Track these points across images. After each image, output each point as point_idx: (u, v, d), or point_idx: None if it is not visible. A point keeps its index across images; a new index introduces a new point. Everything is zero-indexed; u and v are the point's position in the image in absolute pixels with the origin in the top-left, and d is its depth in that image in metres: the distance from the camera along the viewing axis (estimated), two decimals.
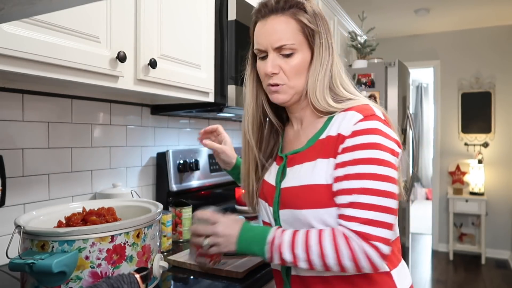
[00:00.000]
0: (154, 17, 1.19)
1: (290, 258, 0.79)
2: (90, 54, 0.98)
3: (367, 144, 0.78)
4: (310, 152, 0.87)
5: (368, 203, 0.75)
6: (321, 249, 0.77)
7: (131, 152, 1.58)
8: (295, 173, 0.88)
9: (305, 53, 0.87)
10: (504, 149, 4.33)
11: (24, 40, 0.83)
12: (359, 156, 0.78)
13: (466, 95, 4.50)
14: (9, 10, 0.52)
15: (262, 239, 0.83)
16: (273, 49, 0.87)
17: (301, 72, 0.88)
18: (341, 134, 0.81)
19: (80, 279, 0.79)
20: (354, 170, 0.77)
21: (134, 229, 0.87)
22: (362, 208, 0.75)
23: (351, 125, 0.80)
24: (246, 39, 1.00)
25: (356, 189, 0.77)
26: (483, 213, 4.19)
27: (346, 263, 0.75)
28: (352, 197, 0.77)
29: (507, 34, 4.30)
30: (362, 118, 0.80)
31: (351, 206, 0.77)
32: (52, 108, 1.27)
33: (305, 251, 0.78)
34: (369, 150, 0.77)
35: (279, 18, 0.86)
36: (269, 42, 0.86)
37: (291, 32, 0.86)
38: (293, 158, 0.91)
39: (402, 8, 3.83)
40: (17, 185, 1.17)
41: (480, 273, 3.92)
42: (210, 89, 1.45)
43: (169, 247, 1.33)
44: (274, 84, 0.88)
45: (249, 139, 0.97)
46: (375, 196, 0.75)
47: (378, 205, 0.75)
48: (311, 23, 0.86)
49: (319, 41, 0.87)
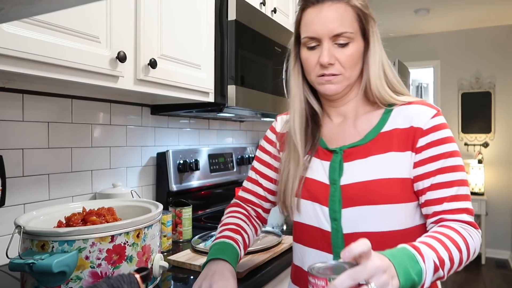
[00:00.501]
0: (154, 17, 1.19)
1: (447, 259, 0.69)
2: (90, 54, 0.98)
3: (450, 138, 0.81)
4: (373, 145, 0.84)
5: (467, 194, 0.80)
6: (457, 247, 0.72)
7: (131, 152, 1.58)
8: (359, 168, 0.84)
9: (359, 43, 0.84)
10: (504, 149, 4.33)
11: (24, 40, 0.83)
12: (448, 149, 0.80)
13: (466, 95, 4.50)
14: (9, 10, 0.52)
15: (408, 256, 0.65)
16: (330, 38, 0.82)
17: (356, 62, 0.85)
18: (419, 128, 0.81)
19: (80, 279, 0.79)
20: (449, 163, 0.79)
21: (134, 229, 0.87)
22: (465, 199, 0.79)
23: (427, 119, 0.81)
24: (246, 39, 1.00)
25: (456, 181, 0.79)
26: (483, 213, 4.19)
27: (471, 254, 0.75)
28: (454, 190, 0.78)
29: (507, 34, 4.30)
30: (437, 112, 0.82)
31: (454, 199, 0.78)
32: (52, 108, 1.27)
33: (447, 252, 0.70)
34: (453, 143, 0.81)
35: (336, 5, 0.81)
36: (327, 29, 0.81)
37: (349, 19, 0.82)
38: (351, 153, 0.86)
39: (402, 8, 3.83)
40: (17, 185, 1.17)
41: (480, 273, 3.92)
42: (210, 89, 1.45)
43: (169, 247, 1.33)
44: (330, 75, 0.84)
45: (294, 134, 0.91)
46: (467, 187, 0.80)
47: (469, 195, 0.80)
48: (365, 9, 0.84)
49: (372, 29, 0.86)
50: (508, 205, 4.31)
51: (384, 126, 0.85)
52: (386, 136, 0.84)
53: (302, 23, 0.86)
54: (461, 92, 4.52)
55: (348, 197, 0.83)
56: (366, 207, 0.81)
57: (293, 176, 0.90)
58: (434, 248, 0.69)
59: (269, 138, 1.04)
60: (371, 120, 0.87)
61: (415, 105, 0.84)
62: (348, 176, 0.84)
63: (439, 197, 0.79)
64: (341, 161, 0.86)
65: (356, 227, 0.82)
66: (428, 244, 0.69)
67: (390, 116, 0.85)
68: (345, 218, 0.83)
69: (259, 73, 1.66)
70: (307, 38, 0.84)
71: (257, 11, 1.64)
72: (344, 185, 0.84)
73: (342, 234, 0.83)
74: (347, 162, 0.86)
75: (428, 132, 0.81)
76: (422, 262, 0.65)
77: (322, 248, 0.87)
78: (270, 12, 1.88)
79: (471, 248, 0.75)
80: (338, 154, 0.87)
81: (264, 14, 1.73)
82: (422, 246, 0.68)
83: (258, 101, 1.65)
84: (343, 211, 0.83)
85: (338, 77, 0.84)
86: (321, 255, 0.87)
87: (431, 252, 0.68)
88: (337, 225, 0.84)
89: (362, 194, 0.82)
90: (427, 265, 0.65)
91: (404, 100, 0.85)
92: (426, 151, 0.80)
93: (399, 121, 0.84)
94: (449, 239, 0.72)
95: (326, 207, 0.85)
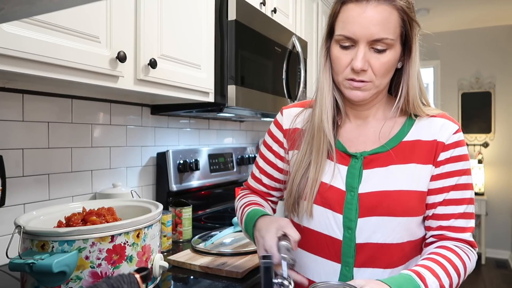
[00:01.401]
0: (154, 17, 1.19)
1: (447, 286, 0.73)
2: (90, 54, 0.98)
3: (467, 156, 0.82)
4: (395, 154, 0.81)
5: (473, 212, 0.81)
6: (457, 273, 0.76)
7: (131, 152, 1.58)
8: (379, 177, 0.80)
9: (397, 50, 0.79)
10: (504, 149, 4.33)
11: (24, 40, 0.83)
12: (464, 166, 0.81)
13: (466, 95, 4.50)
14: (9, 10, 0.52)
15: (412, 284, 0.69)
16: (368, 42, 0.75)
17: (389, 70, 0.80)
18: (441, 142, 0.80)
19: (80, 279, 0.79)
20: (463, 180, 0.80)
21: (134, 229, 0.87)
22: (470, 218, 0.80)
23: (449, 134, 0.81)
24: (246, 39, 0.99)
25: (466, 199, 0.80)
26: (483, 213, 4.19)
27: (466, 276, 0.78)
28: (463, 208, 0.79)
29: (507, 34, 4.30)
30: (458, 128, 0.82)
31: (462, 217, 0.80)
32: (52, 108, 1.27)
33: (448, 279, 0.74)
34: (468, 161, 0.82)
35: (382, 7, 0.74)
36: (367, 32, 0.74)
37: (393, 25, 0.75)
38: (372, 159, 0.82)
39: None
40: (17, 185, 1.17)
41: (480, 273, 3.92)
42: (210, 89, 1.45)
43: (169, 247, 1.33)
44: (360, 81, 0.78)
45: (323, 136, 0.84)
46: (474, 206, 0.81)
47: (474, 214, 0.82)
48: (410, 12, 0.79)
49: (415, 35, 0.80)
50: (508, 205, 4.31)
51: (406, 136, 0.83)
52: (408, 146, 0.82)
53: (340, 18, 0.78)
54: (461, 92, 4.52)
55: (366, 206, 0.79)
56: (383, 218, 0.79)
57: (313, 180, 0.83)
58: (438, 277, 0.72)
59: (275, 136, 0.96)
60: (392, 127, 0.84)
61: (439, 118, 0.83)
62: (368, 184, 0.80)
63: (449, 213, 0.79)
64: (361, 167, 0.82)
65: (369, 238, 0.80)
66: (432, 271, 0.72)
67: (413, 126, 0.83)
68: (360, 228, 0.80)
69: (259, 73, 1.66)
70: (342, 36, 0.77)
71: (257, 11, 1.64)
72: (362, 193, 0.80)
73: (354, 244, 0.81)
74: (367, 169, 0.82)
75: (449, 147, 0.80)
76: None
77: (329, 257, 0.84)
78: (270, 12, 1.88)
79: (468, 270, 0.78)
80: (359, 160, 0.82)
81: (264, 14, 1.73)
82: (427, 275, 0.71)
83: (258, 101, 1.65)
84: (359, 221, 0.80)
85: (367, 84, 0.78)
86: (328, 264, 0.84)
87: (435, 282, 0.71)
88: (351, 234, 0.80)
89: (381, 204, 0.79)
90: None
91: (429, 112, 0.83)
92: (445, 166, 0.80)
93: (423, 133, 0.82)
94: (451, 265, 0.74)
95: (340, 215, 0.81)
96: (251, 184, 1.03)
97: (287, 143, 0.94)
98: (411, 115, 0.84)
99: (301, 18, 2.23)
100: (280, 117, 0.97)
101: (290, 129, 0.93)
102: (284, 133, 0.95)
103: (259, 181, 1.01)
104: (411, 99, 0.82)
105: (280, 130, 0.96)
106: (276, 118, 0.98)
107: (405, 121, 0.84)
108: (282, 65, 1.85)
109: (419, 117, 0.84)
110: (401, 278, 0.70)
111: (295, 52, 1.95)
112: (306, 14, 2.30)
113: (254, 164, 1.04)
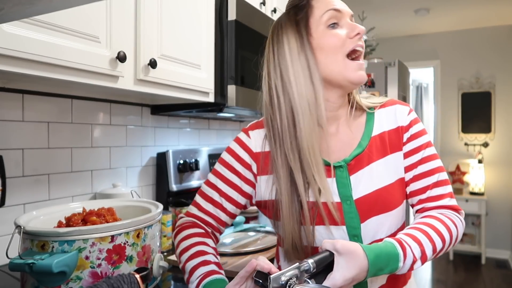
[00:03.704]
0: (154, 17, 1.19)
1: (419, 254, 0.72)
2: (90, 54, 0.98)
3: (424, 130, 0.85)
4: (371, 151, 0.83)
5: (446, 178, 0.83)
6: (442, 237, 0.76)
7: (131, 152, 1.58)
8: (365, 178, 0.80)
9: None
10: (504, 149, 4.33)
11: (24, 40, 0.83)
12: (424, 140, 0.84)
13: (466, 95, 4.50)
14: (9, 10, 0.52)
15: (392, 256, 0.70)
16: (349, 17, 0.82)
17: None
18: (401, 126, 0.84)
19: (80, 279, 0.79)
20: (427, 153, 0.83)
21: (134, 229, 0.87)
22: (445, 184, 0.83)
23: (405, 116, 0.85)
24: (246, 39, 0.99)
25: (436, 168, 0.82)
26: (483, 213, 4.19)
27: (454, 240, 0.79)
28: (436, 177, 0.82)
29: (507, 34, 4.30)
30: (410, 109, 0.86)
31: (436, 186, 0.82)
32: (52, 108, 1.27)
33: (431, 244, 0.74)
34: (427, 135, 0.85)
35: None
36: (346, 8, 0.82)
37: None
38: (354, 164, 0.82)
39: (402, 8, 3.83)
40: (17, 185, 1.17)
41: (480, 273, 3.91)
42: (210, 89, 1.45)
43: (169, 247, 1.33)
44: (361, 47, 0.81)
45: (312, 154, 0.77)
46: (445, 172, 0.84)
47: (448, 179, 0.84)
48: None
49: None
50: (508, 205, 4.31)
51: (372, 130, 0.85)
52: (378, 140, 0.84)
53: (316, 5, 0.80)
54: (461, 92, 4.52)
55: (365, 210, 0.79)
56: (382, 215, 0.80)
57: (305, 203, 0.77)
58: (420, 242, 0.73)
59: (241, 157, 0.87)
60: (359, 126, 0.86)
61: (392, 106, 0.87)
62: (359, 189, 0.80)
63: (423, 186, 0.82)
64: (347, 174, 0.81)
65: (374, 236, 0.81)
66: (414, 237, 0.74)
67: (374, 119, 0.86)
68: (364, 232, 0.80)
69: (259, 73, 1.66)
70: (334, 10, 0.78)
71: (257, 11, 1.64)
72: (357, 199, 0.79)
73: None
74: (353, 175, 0.81)
75: (408, 127, 0.84)
76: (402, 261, 0.70)
77: None
78: (270, 12, 1.88)
79: (454, 236, 0.79)
80: (343, 169, 0.81)
81: (264, 14, 1.73)
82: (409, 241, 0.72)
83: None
84: (363, 226, 0.79)
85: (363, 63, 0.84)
86: None
87: (416, 248, 0.72)
88: (357, 240, 0.79)
89: (376, 204, 0.80)
90: (405, 263, 0.71)
91: (377, 101, 0.88)
92: (408, 144, 0.84)
93: (384, 123, 0.85)
94: (433, 230, 0.76)
95: (343, 226, 0.79)
96: (207, 208, 0.88)
97: (256, 167, 0.86)
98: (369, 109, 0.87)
99: None
100: (246, 139, 0.88)
101: (262, 152, 0.86)
102: (254, 157, 0.86)
103: (218, 206, 0.87)
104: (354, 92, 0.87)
105: (248, 152, 0.87)
106: (241, 139, 0.89)
107: (365, 117, 0.87)
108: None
109: (376, 109, 0.87)
110: (381, 247, 0.71)
111: None
112: None
113: (207, 185, 0.89)
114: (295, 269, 0.64)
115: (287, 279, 0.62)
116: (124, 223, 0.85)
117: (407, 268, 0.72)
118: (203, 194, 0.90)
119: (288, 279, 0.62)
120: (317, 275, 0.68)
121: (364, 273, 0.68)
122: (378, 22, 4.03)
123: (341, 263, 0.67)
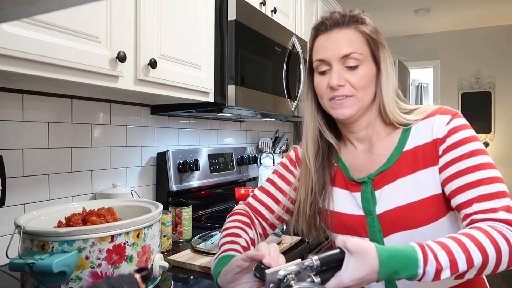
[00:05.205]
0: (154, 17, 1.19)
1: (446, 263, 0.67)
2: (90, 54, 0.98)
3: (469, 138, 0.78)
4: (399, 167, 0.83)
5: (499, 191, 0.74)
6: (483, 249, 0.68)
7: (131, 152, 1.58)
8: (389, 194, 0.83)
9: (370, 66, 0.85)
10: (504, 149, 4.33)
11: (24, 40, 0.83)
12: (467, 149, 0.77)
13: (466, 95, 4.50)
14: (9, 10, 0.52)
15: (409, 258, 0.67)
16: (338, 60, 0.83)
17: (368, 84, 0.84)
18: (438, 138, 0.81)
19: (80, 279, 0.79)
20: (470, 163, 0.76)
21: (134, 229, 0.87)
22: (497, 197, 0.73)
23: (443, 126, 0.81)
24: (246, 39, 0.99)
25: (483, 180, 0.75)
26: None
27: (504, 257, 0.69)
28: (483, 189, 0.74)
29: (507, 34, 4.30)
30: (451, 117, 0.81)
31: (485, 199, 0.74)
32: (52, 108, 1.27)
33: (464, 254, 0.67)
34: (474, 142, 0.78)
35: (344, 31, 0.84)
36: (335, 52, 0.83)
37: (358, 42, 0.83)
38: (379, 179, 0.85)
39: (402, 8, 3.83)
40: (17, 185, 1.17)
41: None
42: (210, 89, 1.45)
43: (169, 247, 1.33)
44: (340, 96, 0.83)
45: (308, 161, 0.92)
46: (500, 184, 0.75)
47: (506, 191, 0.75)
48: (374, 35, 0.86)
49: (383, 54, 0.86)
50: None
51: (405, 145, 0.84)
52: (409, 155, 0.83)
53: (314, 50, 0.88)
54: (461, 92, 4.52)
55: (387, 225, 0.82)
56: (408, 231, 0.80)
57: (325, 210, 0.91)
58: (450, 251, 0.67)
59: (293, 159, 1.02)
60: (392, 141, 0.86)
61: (432, 117, 0.83)
62: (382, 204, 0.83)
63: (467, 199, 0.76)
64: (372, 190, 0.85)
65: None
66: (444, 245, 0.67)
67: (410, 134, 0.84)
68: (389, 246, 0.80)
69: (259, 73, 1.66)
70: (317, 61, 0.86)
71: (257, 11, 1.64)
72: (380, 214, 0.83)
73: None
74: (377, 190, 0.85)
75: (445, 138, 0.80)
76: (421, 268, 0.65)
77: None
78: (270, 12, 1.88)
79: (504, 251, 0.69)
80: (368, 184, 0.86)
81: (264, 14, 1.73)
82: (436, 249, 0.67)
83: (258, 101, 1.65)
84: (385, 240, 0.82)
85: (350, 99, 0.83)
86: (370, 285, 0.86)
87: (444, 256, 0.66)
88: None
89: (399, 220, 0.80)
90: (427, 270, 0.65)
91: (419, 116, 0.84)
92: (444, 156, 0.79)
93: (420, 137, 0.83)
94: (473, 241, 0.68)
95: (366, 238, 0.85)
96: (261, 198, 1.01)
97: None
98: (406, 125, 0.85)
99: (301, 18, 2.23)
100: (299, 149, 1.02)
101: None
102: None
103: (273, 197, 1.00)
104: (388, 113, 0.85)
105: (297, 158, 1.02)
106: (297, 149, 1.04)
107: (401, 131, 0.86)
108: (282, 65, 1.85)
109: (414, 124, 0.85)
110: (398, 251, 0.67)
111: (295, 52, 1.95)
112: (306, 14, 2.31)
113: (267, 181, 1.03)
114: (295, 265, 0.64)
115: (285, 274, 0.62)
116: (124, 223, 0.85)
117: (431, 277, 0.66)
118: (261, 187, 1.03)
119: (285, 275, 0.62)
120: (325, 272, 0.67)
121: (375, 275, 0.65)
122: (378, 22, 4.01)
123: (351, 262, 0.66)
